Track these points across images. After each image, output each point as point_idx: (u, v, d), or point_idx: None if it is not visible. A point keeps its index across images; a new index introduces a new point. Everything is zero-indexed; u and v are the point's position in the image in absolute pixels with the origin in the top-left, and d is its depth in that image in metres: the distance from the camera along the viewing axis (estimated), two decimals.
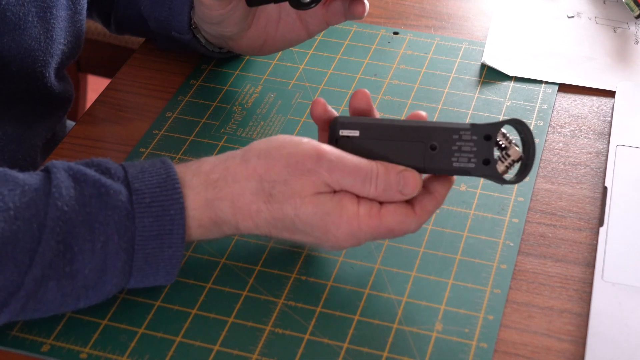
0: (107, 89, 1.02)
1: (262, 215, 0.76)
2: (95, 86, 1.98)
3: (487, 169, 0.77)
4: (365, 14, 0.90)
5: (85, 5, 0.99)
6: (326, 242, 0.76)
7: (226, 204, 0.76)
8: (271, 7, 0.93)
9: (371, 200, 0.76)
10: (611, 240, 0.84)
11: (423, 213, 0.77)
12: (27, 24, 0.90)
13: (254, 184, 0.75)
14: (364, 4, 0.90)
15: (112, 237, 0.73)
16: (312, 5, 0.87)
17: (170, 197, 0.74)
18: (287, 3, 0.90)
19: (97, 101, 1.00)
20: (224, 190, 0.76)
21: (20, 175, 0.74)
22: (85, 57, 1.71)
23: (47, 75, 0.96)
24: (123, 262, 0.73)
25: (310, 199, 0.75)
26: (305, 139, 0.76)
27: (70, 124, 1.18)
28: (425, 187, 0.78)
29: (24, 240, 0.71)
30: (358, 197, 0.76)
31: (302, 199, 0.75)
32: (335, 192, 0.76)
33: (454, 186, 0.90)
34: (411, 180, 0.76)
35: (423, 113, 0.79)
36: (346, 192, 0.76)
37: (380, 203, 0.76)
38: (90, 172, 0.74)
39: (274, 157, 0.75)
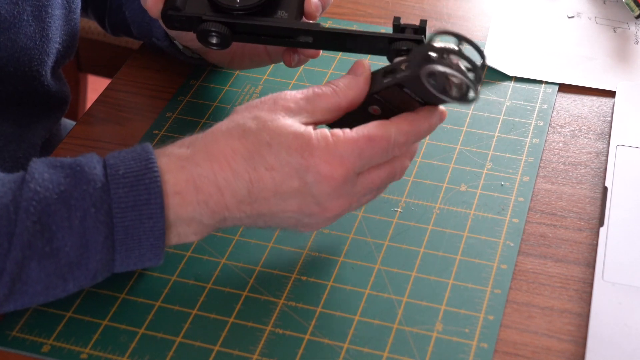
0: (107, 89, 1.02)
1: (239, 154, 0.74)
2: (95, 86, 1.98)
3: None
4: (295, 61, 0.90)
5: (80, 4, 1.00)
6: (309, 174, 0.74)
7: (201, 155, 0.74)
8: None
9: None
10: (611, 240, 0.84)
11: (397, 118, 0.76)
12: (22, 23, 0.90)
13: (227, 128, 0.75)
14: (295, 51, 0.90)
15: (89, 210, 0.72)
16: (218, 48, 0.86)
17: (145, 166, 0.73)
18: None
19: (97, 101, 1.00)
20: (199, 144, 0.75)
21: (1, 174, 0.74)
22: (85, 57, 1.71)
23: (44, 74, 0.96)
24: (104, 236, 0.73)
25: (283, 122, 0.74)
26: None
27: (70, 123, 1.18)
28: None
29: (1, 225, 0.71)
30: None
31: (275, 124, 0.74)
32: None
33: (454, 186, 0.90)
34: (356, 63, 0.77)
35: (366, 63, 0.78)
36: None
37: None
38: (68, 159, 0.75)
39: (242, 107, 0.77)
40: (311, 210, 0.76)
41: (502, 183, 0.90)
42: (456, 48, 0.73)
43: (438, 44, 0.74)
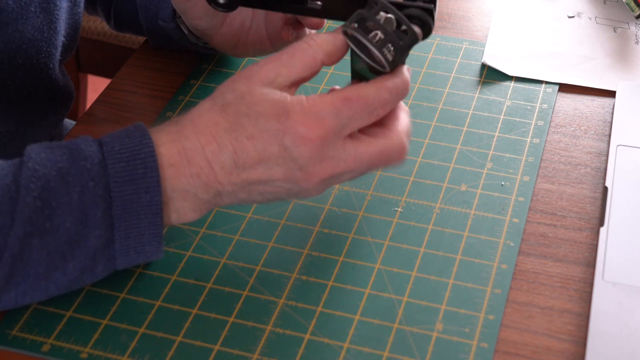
0: (107, 88, 1.02)
1: (221, 126, 0.75)
2: (95, 86, 1.98)
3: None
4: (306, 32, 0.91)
5: None
6: (286, 137, 0.74)
7: (188, 129, 0.76)
8: (244, 15, 0.93)
9: None
10: (611, 240, 0.84)
11: (377, 79, 0.77)
12: (29, 14, 0.90)
13: (209, 103, 0.77)
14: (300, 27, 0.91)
15: (88, 184, 0.73)
16: (225, 10, 0.86)
17: (140, 142, 0.75)
18: (260, 14, 0.93)
19: (98, 101, 1.01)
20: (184, 120, 0.77)
21: (0, 161, 0.75)
22: (85, 57, 1.71)
23: (52, 67, 0.96)
24: (102, 210, 0.73)
25: (259, 91, 0.75)
26: None
27: (70, 123, 1.18)
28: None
29: (3, 204, 0.71)
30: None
31: (251, 94, 0.75)
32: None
33: (454, 186, 0.90)
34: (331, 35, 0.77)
35: None
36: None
37: None
38: (62, 141, 0.76)
39: (222, 84, 0.78)
40: (297, 177, 0.76)
41: (503, 183, 0.90)
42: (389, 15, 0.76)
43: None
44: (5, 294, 0.74)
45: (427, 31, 0.78)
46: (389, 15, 0.76)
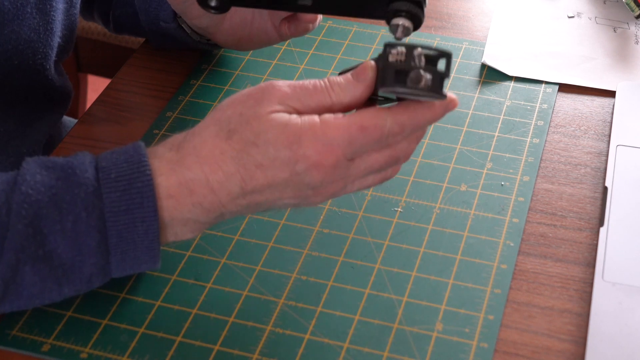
0: (107, 88, 1.02)
1: (227, 155, 0.72)
2: (95, 86, 1.98)
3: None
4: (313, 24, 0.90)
5: (80, 0, 1.00)
6: (298, 164, 0.71)
7: (191, 159, 0.73)
8: (244, 10, 0.93)
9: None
10: (611, 240, 0.84)
11: (396, 108, 0.72)
12: (25, 15, 0.90)
13: (213, 129, 0.73)
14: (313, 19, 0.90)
15: (80, 214, 0.72)
16: (217, 12, 0.86)
17: (137, 169, 0.73)
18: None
19: (98, 101, 1.01)
20: (187, 147, 0.74)
21: None
22: (85, 57, 1.71)
23: (48, 68, 0.96)
24: (96, 241, 0.72)
25: (267, 117, 0.72)
26: None
27: (71, 122, 1.18)
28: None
29: None
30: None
31: (258, 120, 0.72)
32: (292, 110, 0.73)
33: (454, 186, 0.90)
34: (362, 67, 0.73)
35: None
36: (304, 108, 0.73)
37: None
38: (60, 159, 0.74)
39: (227, 102, 0.74)
40: (307, 195, 0.74)
41: (502, 183, 0.90)
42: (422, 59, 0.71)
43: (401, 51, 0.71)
44: (0, 309, 0.74)
45: (417, 24, 0.77)
46: (419, 52, 0.70)
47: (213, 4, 0.85)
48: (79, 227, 0.72)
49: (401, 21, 0.78)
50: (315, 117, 0.72)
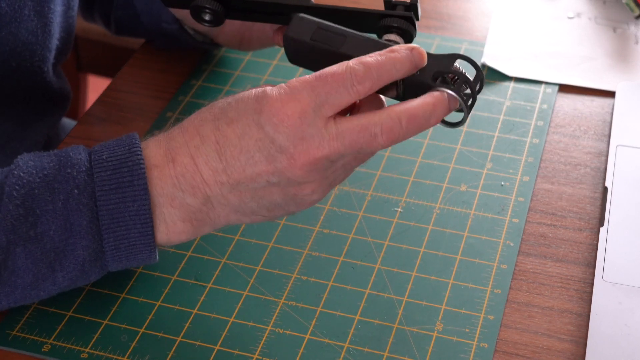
0: (107, 89, 1.02)
1: (206, 120, 0.74)
2: (96, 86, 1.98)
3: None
4: None
5: (77, 2, 1.00)
6: (263, 116, 0.72)
7: (175, 131, 0.75)
8: None
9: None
10: (611, 241, 0.84)
11: (362, 57, 0.73)
12: (23, 17, 0.90)
13: (200, 111, 0.76)
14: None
15: (72, 192, 0.73)
16: (211, 25, 0.87)
17: (128, 150, 0.74)
18: None
19: (98, 101, 1.01)
20: (172, 127, 0.76)
21: None
22: (85, 57, 1.71)
23: (46, 70, 0.96)
24: (87, 219, 0.73)
25: (249, 92, 0.74)
26: None
27: (70, 123, 1.18)
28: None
29: None
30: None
31: (241, 96, 0.74)
32: None
33: (454, 186, 0.90)
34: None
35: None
36: None
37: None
38: (56, 150, 0.76)
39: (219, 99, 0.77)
40: (281, 165, 0.72)
41: (502, 183, 0.90)
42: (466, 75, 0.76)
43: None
44: None
45: (408, 39, 0.78)
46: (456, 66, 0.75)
47: (207, 17, 0.86)
48: (70, 205, 0.73)
49: (392, 37, 0.79)
50: (283, 84, 0.74)
